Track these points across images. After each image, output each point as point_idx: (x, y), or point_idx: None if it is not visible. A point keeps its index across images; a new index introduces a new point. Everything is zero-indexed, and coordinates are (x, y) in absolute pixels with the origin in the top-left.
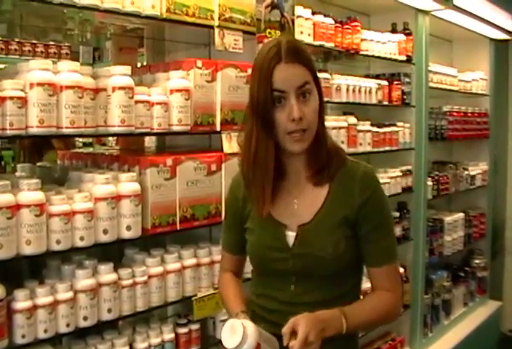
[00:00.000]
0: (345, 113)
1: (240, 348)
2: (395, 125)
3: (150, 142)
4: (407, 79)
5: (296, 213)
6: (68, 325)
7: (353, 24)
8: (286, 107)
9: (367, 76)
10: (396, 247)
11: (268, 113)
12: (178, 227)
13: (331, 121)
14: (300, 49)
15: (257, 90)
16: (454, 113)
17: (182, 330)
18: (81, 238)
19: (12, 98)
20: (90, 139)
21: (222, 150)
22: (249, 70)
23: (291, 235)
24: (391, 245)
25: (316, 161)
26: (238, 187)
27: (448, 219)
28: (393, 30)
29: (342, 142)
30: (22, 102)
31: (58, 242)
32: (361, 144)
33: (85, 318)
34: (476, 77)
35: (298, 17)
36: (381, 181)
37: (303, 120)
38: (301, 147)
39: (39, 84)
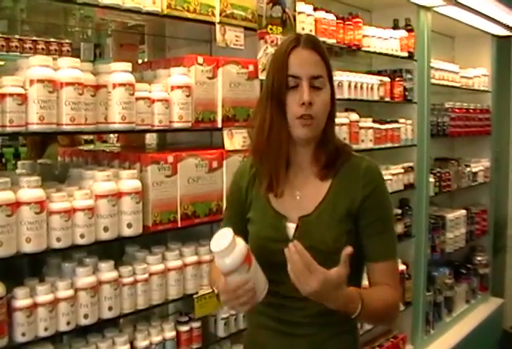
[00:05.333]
0: (346, 110)
1: (229, 252)
2: (397, 121)
3: (151, 139)
4: (409, 75)
5: (297, 205)
6: (68, 323)
7: (354, 20)
8: (297, 92)
9: (369, 73)
10: (396, 243)
11: (282, 96)
12: (179, 225)
13: None
14: (319, 41)
15: (273, 74)
16: (456, 110)
17: (183, 328)
18: (82, 236)
19: (11, 95)
20: (91, 136)
21: (223, 146)
22: (251, 67)
23: (291, 227)
24: (391, 242)
25: (323, 156)
26: (242, 177)
27: (450, 216)
28: (395, 27)
29: (344, 139)
30: (22, 98)
31: (58, 240)
32: (362, 140)
33: (86, 316)
34: (477, 73)
35: (300, 13)
36: (381, 171)
37: (312, 106)
38: (307, 133)
39: (39, 81)
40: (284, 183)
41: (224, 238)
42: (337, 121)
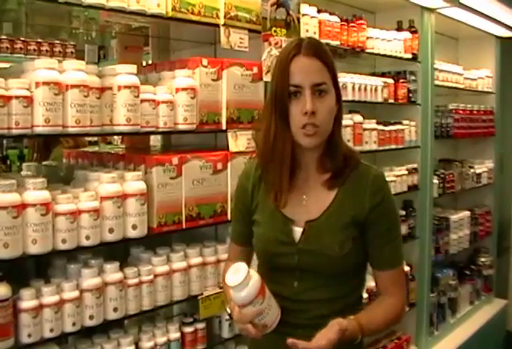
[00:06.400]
0: (350, 112)
1: (244, 287)
2: (401, 123)
3: (155, 140)
4: (413, 77)
5: (304, 209)
6: (73, 324)
7: (358, 22)
8: (300, 100)
9: (373, 74)
10: (402, 251)
11: (285, 105)
12: (184, 226)
13: None
14: (321, 46)
15: (276, 82)
16: (460, 111)
17: (188, 329)
18: (87, 237)
19: (17, 97)
20: (95, 138)
21: (227, 148)
22: (255, 69)
23: (298, 231)
24: (398, 250)
25: (330, 163)
26: (247, 179)
27: (454, 217)
28: (399, 28)
29: (348, 141)
30: (28, 101)
31: (64, 241)
32: (366, 142)
33: (91, 317)
34: (481, 75)
35: (304, 15)
36: (387, 179)
37: (316, 115)
38: (311, 142)
39: (45, 83)
40: (291, 190)
41: (239, 272)
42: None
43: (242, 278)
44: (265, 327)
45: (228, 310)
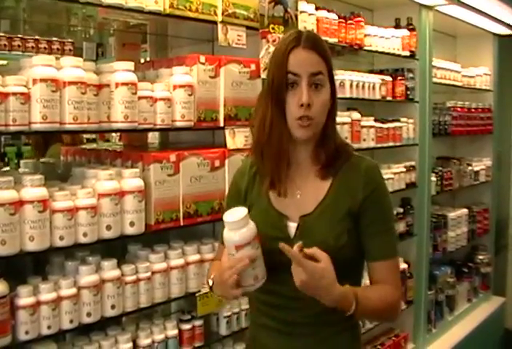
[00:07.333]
0: (348, 109)
1: (245, 224)
2: (398, 121)
3: (153, 138)
4: (411, 75)
5: (298, 204)
6: (71, 321)
7: (356, 19)
8: (297, 92)
9: (371, 72)
10: (396, 242)
11: (282, 95)
12: (181, 223)
13: None
14: (320, 40)
15: (273, 71)
16: (458, 109)
17: (186, 326)
18: (85, 234)
19: (15, 94)
20: (93, 135)
21: (225, 145)
22: (253, 66)
23: (292, 226)
24: (392, 239)
25: (324, 156)
26: (242, 177)
27: (452, 214)
28: (397, 26)
29: (346, 138)
30: (25, 98)
31: (61, 238)
32: (364, 139)
33: (88, 315)
34: (479, 72)
35: (302, 12)
36: (385, 177)
37: (311, 107)
38: (304, 134)
39: (42, 80)
40: (285, 181)
41: (238, 212)
42: (339, 120)
43: (244, 214)
44: (256, 279)
45: (210, 282)
